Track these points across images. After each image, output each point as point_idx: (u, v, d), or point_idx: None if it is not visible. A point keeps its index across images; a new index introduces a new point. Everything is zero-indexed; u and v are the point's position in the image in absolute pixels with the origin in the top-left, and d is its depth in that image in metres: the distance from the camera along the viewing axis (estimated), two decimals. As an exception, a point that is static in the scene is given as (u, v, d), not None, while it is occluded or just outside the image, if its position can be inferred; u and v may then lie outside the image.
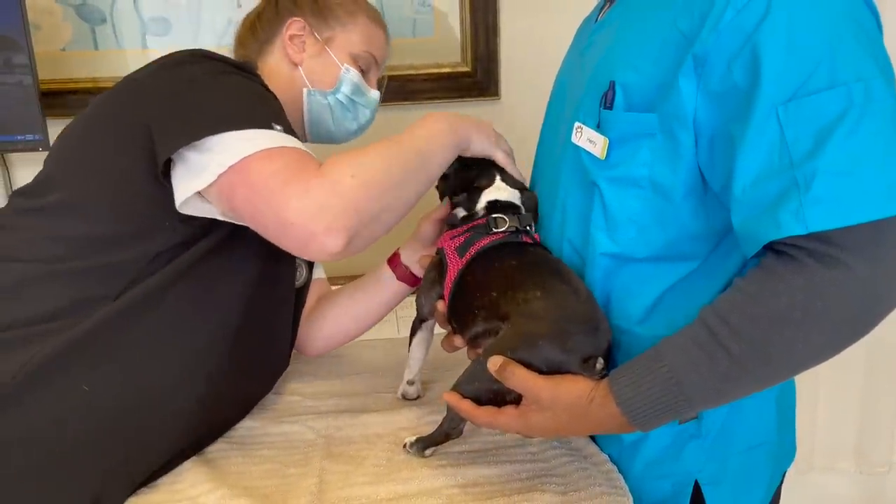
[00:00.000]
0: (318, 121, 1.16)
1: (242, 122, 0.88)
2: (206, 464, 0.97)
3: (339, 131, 1.19)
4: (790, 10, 0.69)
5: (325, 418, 1.08)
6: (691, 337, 0.73)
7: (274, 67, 1.14)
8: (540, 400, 0.81)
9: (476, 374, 0.86)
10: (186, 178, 0.88)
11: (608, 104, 0.84)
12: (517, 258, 0.95)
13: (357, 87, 1.15)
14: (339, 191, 0.85)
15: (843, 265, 0.64)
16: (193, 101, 0.90)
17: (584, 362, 0.82)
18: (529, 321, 0.85)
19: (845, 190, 0.64)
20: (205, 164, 0.86)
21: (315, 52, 1.13)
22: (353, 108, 1.16)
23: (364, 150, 0.92)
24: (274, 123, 0.89)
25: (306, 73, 1.13)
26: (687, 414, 0.75)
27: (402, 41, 1.68)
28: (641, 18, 0.84)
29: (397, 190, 0.92)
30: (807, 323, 0.67)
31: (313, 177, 0.85)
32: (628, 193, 0.85)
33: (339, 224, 0.83)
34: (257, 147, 0.86)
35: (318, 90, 1.14)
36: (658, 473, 0.94)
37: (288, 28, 1.13)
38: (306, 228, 0.83)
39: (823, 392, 1.91)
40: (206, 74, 0.93)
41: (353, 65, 1.14)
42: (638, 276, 0.88)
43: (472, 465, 0.94)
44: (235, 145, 0.86)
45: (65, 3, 1.55)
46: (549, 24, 1.71)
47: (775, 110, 0.68)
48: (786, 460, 1.04)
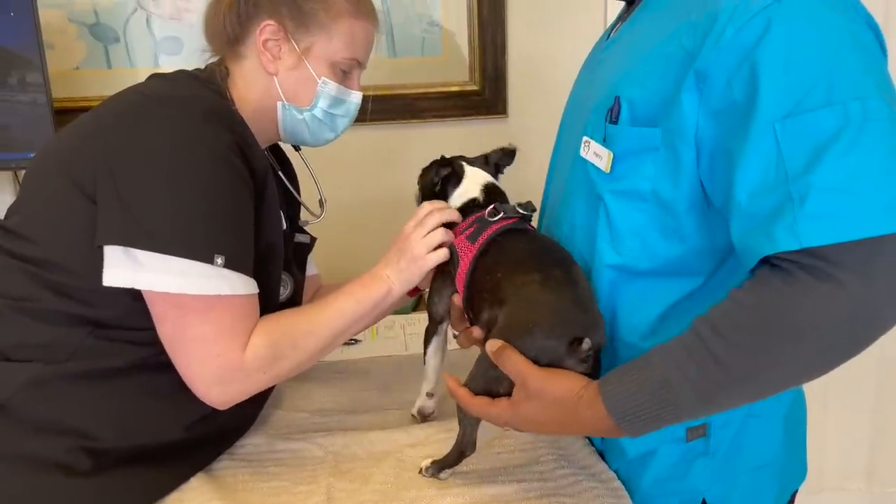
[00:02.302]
0: (293, 132, 1.10)
1: (182, 247, 0.85)
2: (214, 481, 0.97)
3: (316, 141, 1.13)
4: (790, 28, 0.70)
5: (333, 435, 1.08)
6: (683, 344, 0.73)
7: (248, 75, 1.05)
8: (527, 386, 0.80)
9: (478, 368, 0.88)
10: (121, 266, 0.86)
11: (613, 119, 0.85)
12: (527, 243, 0.97)
13: (335, 99, 1.07)
14: (246, 381, 0.93)
15: (836, 281, 0.64)
16: (137, 197, 0.86)
17: (570, 345, 0.82)
18: (524, 307, 0.86)
19: (840, 206, 0.64)
20: (139, 270, 0.85)
21: (291, 64, 1.04)
22: (331, 120, 1.10)
23: (289, 336, 0.95)
24: (216, 255, 0.86)
25: (281, 86, 1.05)
26: (674, 421, 0.75)
27: (411, 60, 1.70)
28: (649, 36, 0.86)
29: (300, 364, 0.98)
30: (798, 337, 0.67)
31: (234, 353, 0.90)
32: (632, 206, 0.86)
33: (232, 397, 0.94)
34: (194, 289, 0.86)
35: (293, 105, 1.06)
36: (665, 491, 0.93)
37: (262, 31, 1.02)
38: (201, 392, 0.92)
39: (834, 411, 1.90)
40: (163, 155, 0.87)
41: (332, 75, 1.05)
42: (643, 291, 0.88)
43: (481, 484, 0.94)
44: (169, 276, 0.85)
45: (79, 23, 1.58)
46: (556, 42, 1.73)
47: (772, 126, 0.68)
48: (796, 480, 1.03)
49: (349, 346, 1.44)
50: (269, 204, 0.99)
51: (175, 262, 0.85)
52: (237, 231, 0.92)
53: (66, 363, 0.90)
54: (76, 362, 0.90)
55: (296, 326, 0.97)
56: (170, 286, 0.85)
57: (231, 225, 0.90)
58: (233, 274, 0.89)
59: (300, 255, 1.24)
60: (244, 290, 0.90)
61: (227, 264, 0.87)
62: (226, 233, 0.89)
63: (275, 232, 1.02)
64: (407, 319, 1.53)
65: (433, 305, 1.07)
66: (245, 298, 0.91)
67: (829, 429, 1.91)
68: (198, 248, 0.86)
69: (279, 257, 1.05)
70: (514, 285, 0.89)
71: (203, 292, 0.86)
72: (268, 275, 1.00)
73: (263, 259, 0.97)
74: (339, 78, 1.06)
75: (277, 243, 1.03)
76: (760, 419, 0.91)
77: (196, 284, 0.86)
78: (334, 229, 1.80)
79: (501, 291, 0.90)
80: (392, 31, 1.68)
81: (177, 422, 0.96)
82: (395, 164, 1.78)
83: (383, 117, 1.72)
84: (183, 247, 0.85)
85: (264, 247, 0.98)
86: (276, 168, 1.17)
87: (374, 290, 1.03)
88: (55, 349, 0.90)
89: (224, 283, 0.88)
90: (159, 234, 0.85)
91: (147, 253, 0.85)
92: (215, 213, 0.88)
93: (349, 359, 1.39)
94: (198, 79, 1.03)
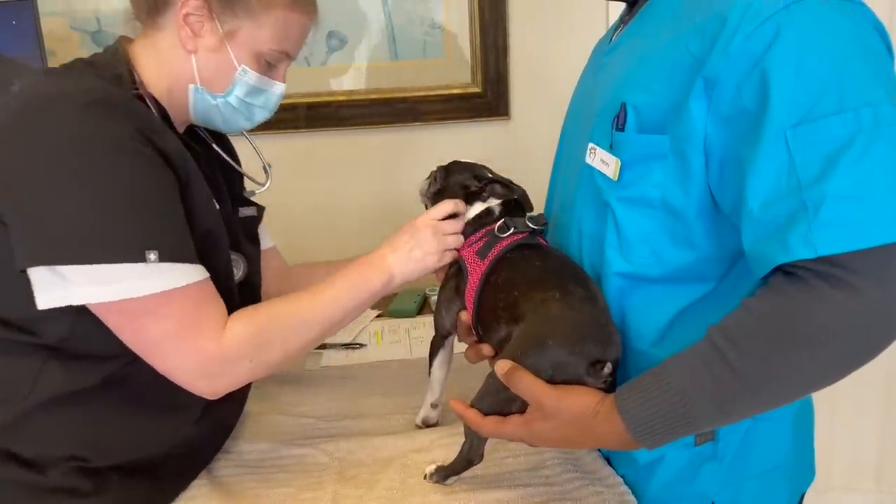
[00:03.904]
0: (205, 118, 1.01)
1: (107, 252, 0.79)
2: (220, 488, 0.97)
3: (229, 128, 1.04)
4: (799, 35, 0.69)
5: (338, 441, 1.08)
6: (697, 354, 0.73)
7: (163, 50, 0.96)
8: (543, 407, 0.80)
9: (489, 388, 0.87)
10: (51, 286, 0.80)
11: (620, 126, 0.84)
12: (541, 260, 0.96)
13: (253, 88, 0.98)
14: (232, 371, 0.89)
15: (853, 288, 0.64)
16: (44, 210, 0.78)
17: (592, 366, 0.82)
18: (542, 323, 0.85)
19: (854, 214, 0.64)
20: (69, 286, 0.79)
21: (212, 46, 0.94)
22: (247, 109, 1.00)
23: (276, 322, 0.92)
24: (147, 251, 0.79)
25: (198, 66, 0.95)
26: (691, 432, 0.75)
27: (413, 63, 1.70)
28: (653, 41, 0.85)
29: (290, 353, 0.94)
30: (814, 344, 0.67)
31: (208, 343, 0.85)
32: (641, 214, 0.85)
33: (223, 388, 0.90)
34: (135, 292, 0.80)
35: (206, 89, 0.96)
36: (674, 496, 0.93)
37: (185, 4, 0.92)
38: (189, 387, 0.88)
39: (842, 411, 1.89)
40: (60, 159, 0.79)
41: (254, 65, 0.96)
42: (652, 296, 0.87)
43: (486, 489, 0.93)
44: (103, 286, 0.79)
45: (80, 30, 1.58)
46: (558, 43, 1.72)
47: (784, 134, 0.68)
48: (804, 482, 1.03)
49: (353, 350, 1.43)
50: (195, 188, 0.91)
51: (105, 270, 0.79)
52: (164, 220, 0.84)
53: (28, 396, 0.85)
54: (40, 392, 0.86)
55: (285, 313, 0.93)
56: (108, 295, 0.80)
57: (155, 215, 0.83)
58: (172, 266, 0.82)
59: (249, 229, 1.14)
60: (190, 279, 0.85)
61: (162, 258, 0.81)
62: (151, 225, 0.82)
63: (209, 217, 0.94)
64: (412, 323, 1.53)
65: (440, 318, 1.06)
66: (195, 287, 0.85)
67: (838, 429, 1.91)
68: (124, 249, 0.79)
69: (221, 242, 0.97)
70: (533, 302, 0.88)
71: (145, 293, 0.80)
72: (213, 262, 0.92)
73: (203, 249, 0.90)
74: (263, 68, 0.97)
75: (215, 229, 0.95)
76: (770, 422, 0.91)
77: (135, 287, 0.80)
78: (336, 232, 1.81)
79: (519, 308, 0.89)
80: (394, 34, 1.68)
81: (169, 428, 0.94)
82: (398, 167, 1.78)
83: (385, 120, 1.72)
84: (108, 252, 0.79)
85: (201, 235, 0.91)
86: (209, 141, 1.09)
87: (373, 278, 0.99)
88: (15, 384, 0.86)
89: (165, 278, 0.82)
90: (78, 244, 0.78)
91: (72, 267, 0.78)
92: (133, 207, 0.81)
93: (354, 363, 1.39)
94: (94, 65, 0.94)
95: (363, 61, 1.70)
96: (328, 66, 1.70)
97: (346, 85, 1.71)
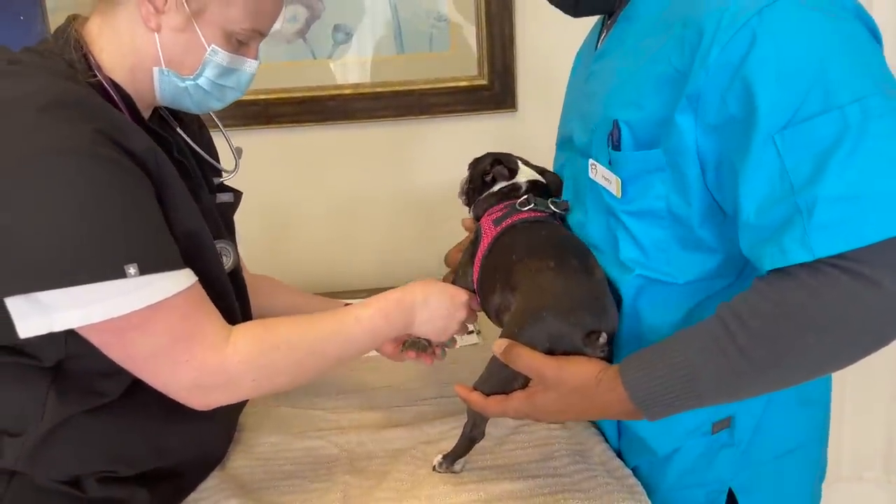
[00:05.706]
0: (173, 101, 0.93)
1: (83, 272, 0.72)
2: (230, 479, 0.98)
3: (200, 109, 0.96)
4: (775, 38, 0.69)
5: (347, 433, 1.08)
6: (706, 330, 0.73)
7: (122, 29, 0.87)
8: (545, 378, 0.81)
9: (490, 370, 0.88)
10: (30, 314, 0.74)
11: (615, 144, 0.84)
12: (547, 231, 0.97)
13: (225, 69, 0.90)
14: (231, 387, 0.85)
15: (864, 277, 0.64)
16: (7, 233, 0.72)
17: (587, 337, 0.82)
18: (535, 295, 0.86)
19: (849, 214, 0.63)
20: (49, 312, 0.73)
21: (178, 25, 0.86)
22: (219, 91, 0.93)
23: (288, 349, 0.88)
24: (126, 266, 0.73)
25: (162, 47, 0.87)
26: (694, 406, 0.75)
27: (419, 55, 1.69)
28: (637, 53, 0.84)
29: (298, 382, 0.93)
30: (821, 328, 0.67)
31: (206, 353, 0.81)
32: (651, 224, 0.85)
33: (218, 402, 0.86)
34: (119, 310, 0.74)
35: (173, 71, 0.88)
36: (691, 482, 0.94)
37: None
38: (183, 397, 0.84)
39: (850, 400, 1.89)
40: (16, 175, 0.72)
41: (225, 44, 0.88)
42: (670, 294, 0.87)
43: (495, 480, 0.94)
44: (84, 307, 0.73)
45: (87, 26, 1.58)
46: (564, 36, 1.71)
47: (772, 139, 0.68)
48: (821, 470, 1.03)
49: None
50: (171, 186, 0.84)
51: (83, 291, 0.73)
52: (140, 228, 0.77)
53: (41, 423, 0.82)
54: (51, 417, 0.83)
55: (298, 343, 0.89)
56: (90, 317, 0.74)
57: (129, 225, 0.76)
58: (155, 277, 0.76)
59: (226, 216, 1.07)
60: (177, 288, 0.79)
61: (143, 270, 0.74)
62: (127, 236, 0.76)
63: (189, 215, 0.87)
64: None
65: (459, 281, 1.05)
66: (183, 295, 0.80)
67: (846, 418, 1.90)
68: (100, 266, 0.73)
69: (206, 240, 0.91)
70: (529, 270, 0.89)
71: (130, 309, 0.75)
72: (201, 262, 0.87)
73: (188, 250, 0.84)
74: (234, 47, 0.90)
75: (197, 227, 0.89)
76: (785, 407, 0.91)
77: (118, 305, 0.74)
78: (344, 224, 1.81)
79: (514, 276, 0.90)
80: (400, 27, 1.68)
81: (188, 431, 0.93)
82: (405, 160, 1.78)
83: (392, 113, 1.72)
84: (84, 271, 0.72)
85: (184, 235, 0.85)
86: (174, 125, 1.02)
87: (396, 325, 0.98)
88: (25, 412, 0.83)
89: (149, 291, 0.76)
90: (51, 267, 0.72)
91: (48, 293, 0.72)
92: (105, 219, 0.74)
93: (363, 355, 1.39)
94: (42, 55, 0.85)
95: (369, 54, 1.69)
96: (334, 59, 1.69)
97: (351, 78, 1.71)
